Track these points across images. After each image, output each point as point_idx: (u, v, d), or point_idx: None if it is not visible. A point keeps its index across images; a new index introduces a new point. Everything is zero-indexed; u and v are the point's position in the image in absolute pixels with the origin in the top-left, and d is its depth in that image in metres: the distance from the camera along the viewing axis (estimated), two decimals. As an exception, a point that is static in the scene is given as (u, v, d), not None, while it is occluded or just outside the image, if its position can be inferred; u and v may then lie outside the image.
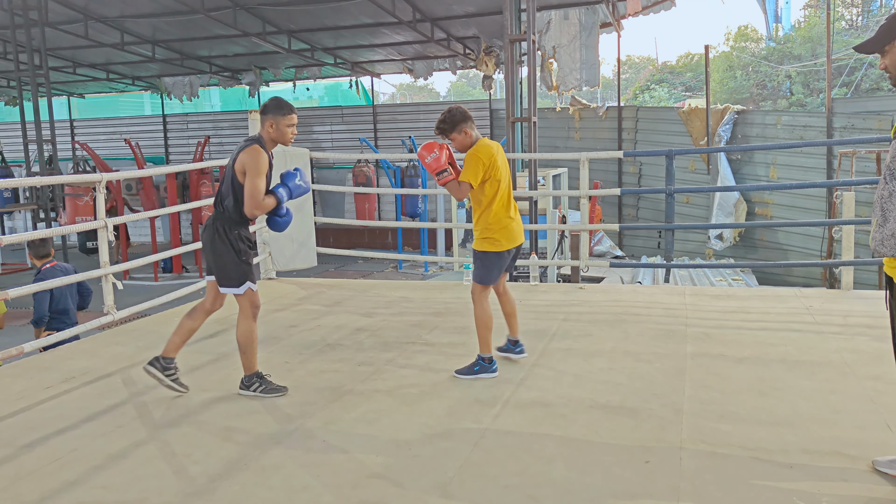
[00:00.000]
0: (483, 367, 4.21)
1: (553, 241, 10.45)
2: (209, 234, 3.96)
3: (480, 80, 17.70)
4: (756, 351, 4.58)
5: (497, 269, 4.28)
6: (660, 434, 3.34)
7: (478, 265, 4.28)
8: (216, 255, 3.94)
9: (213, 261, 3.96)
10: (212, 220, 3.96)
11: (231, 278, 3.94)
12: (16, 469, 3.18)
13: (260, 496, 2.87)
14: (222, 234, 3.91)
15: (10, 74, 16.29)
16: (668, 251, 7.39)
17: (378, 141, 20.00)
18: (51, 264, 6.04)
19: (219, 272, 3.96)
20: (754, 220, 14.61)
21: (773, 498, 2.74)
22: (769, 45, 32.02)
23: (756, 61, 31.10)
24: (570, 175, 13.61)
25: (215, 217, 3.96)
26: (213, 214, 3.99)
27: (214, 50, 16.99)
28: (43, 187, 13.62)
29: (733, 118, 15.07)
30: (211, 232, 3.94)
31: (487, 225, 4.24)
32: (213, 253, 3.94)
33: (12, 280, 14.21)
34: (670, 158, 7.11)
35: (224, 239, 3.91)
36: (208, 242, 3.98)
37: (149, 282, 15.11)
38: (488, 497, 2.81)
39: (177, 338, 4.02)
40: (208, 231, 3.97)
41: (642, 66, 45.92)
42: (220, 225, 3.92)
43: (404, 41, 15.98)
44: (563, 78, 13.36)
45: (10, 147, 20.64)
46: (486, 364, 4.21)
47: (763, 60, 30.61)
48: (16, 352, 4.66)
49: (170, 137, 22.14)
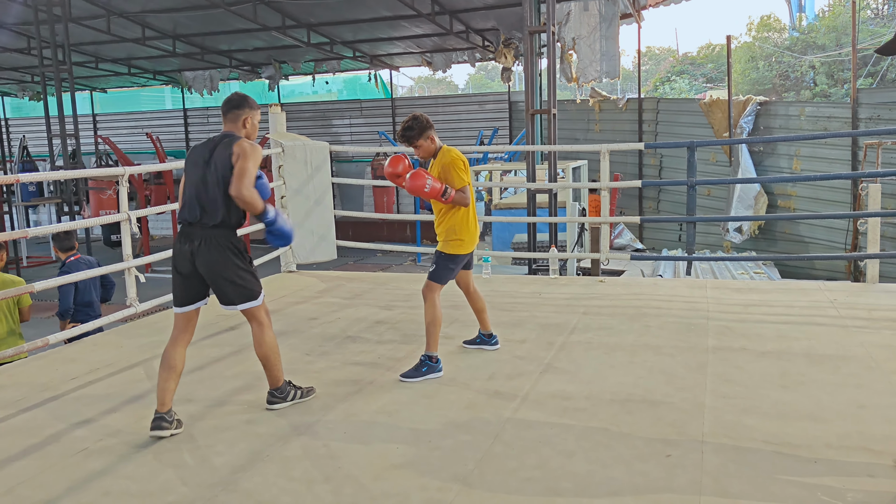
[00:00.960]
0: (431, 367, 4.14)
1: (573, 234, 10.40)
2: (218, 254, 3.47)
3: (499, 72, 17.63)
4: (779, 345, 4.54)
5: (457, 270, 4.34)
6: (681, 428, 3.33)
7: (440, 265, 4.27)
8: (228, 272, 3.49)
9: (222, 280, 3.50)
10: (207, 237, 3.46)
11: (250, 291, 3.57)
12: (43, 458, 3.23)
13: (281, 487, 2.90)
14: (234, 248, 3.52)
15: (35, 70, 16.47)
16: (690, 244, 7.33)
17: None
18: (75, 257, 6.11)
19: (233, 290, 3.52)
20: (776, 212, 14.45)
21: (797, 493, 2.72)
22: (792, 35, 31.59)
23: (779, 52, 30.70)
24: (590, 167, 13.54)
25: (211, 233, 3.47)
26: (201, 231, 3.47)
27: (234, 44, 17.07)
28: (67, 181, 13.76)
29: (756, 109, 14.89)
30: (219, 251, 3.48)
31: (454, 227, 4.26)
32: (224, 270, 3.48)
33: (38, 273, 14.41)
34: (692, 150, 7.04)
35: (234, 251, 3.52)
36: (218, 262, 3.48)
37: (170, 275, 15.21)
38: (508, 490, 2.81)
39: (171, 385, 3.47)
40: (214, 250, 3.47)
41: (663, 58, 45.52)
42: (222, 239, 3.49)
43: (423, 34, 15.95)
44: (583, 69, 13.27)
45: (35, 141, 20.90)
46: (433, 364, 4.15)
47: (786, 51, 30.21)
48: (41, 343, 4.73)
49: (190, 131, 22.30)
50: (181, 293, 3.56)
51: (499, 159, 16.11)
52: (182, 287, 3.55)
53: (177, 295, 3.58)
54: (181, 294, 3.56)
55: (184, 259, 3.51)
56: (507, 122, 19.11)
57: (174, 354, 3.51)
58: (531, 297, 6.12)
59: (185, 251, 3.51)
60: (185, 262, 3.51)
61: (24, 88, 20.66)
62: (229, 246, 3.50)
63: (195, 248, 3.47)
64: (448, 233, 4.27)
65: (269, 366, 3.67)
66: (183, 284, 3.55)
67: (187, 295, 3.56)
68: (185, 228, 3.54)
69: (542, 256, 7.91)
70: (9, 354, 4.73)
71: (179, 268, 3.54)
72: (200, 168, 3.50)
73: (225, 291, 3.54)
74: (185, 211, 3.52)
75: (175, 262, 3.56)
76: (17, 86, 20.39)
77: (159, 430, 3.37)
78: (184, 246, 3.51)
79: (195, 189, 3.49)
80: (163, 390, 3.44)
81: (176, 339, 3.55)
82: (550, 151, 8.67)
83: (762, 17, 34.41)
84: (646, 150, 16.56)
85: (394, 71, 20.27)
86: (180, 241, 3.53)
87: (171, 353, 3.51)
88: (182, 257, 3.52)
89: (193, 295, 3.57)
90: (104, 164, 18.28)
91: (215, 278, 3.51)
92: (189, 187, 3.53)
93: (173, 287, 3.58)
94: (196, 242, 3.48)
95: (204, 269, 3.49)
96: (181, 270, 3.53)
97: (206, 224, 3.47)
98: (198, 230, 3.48)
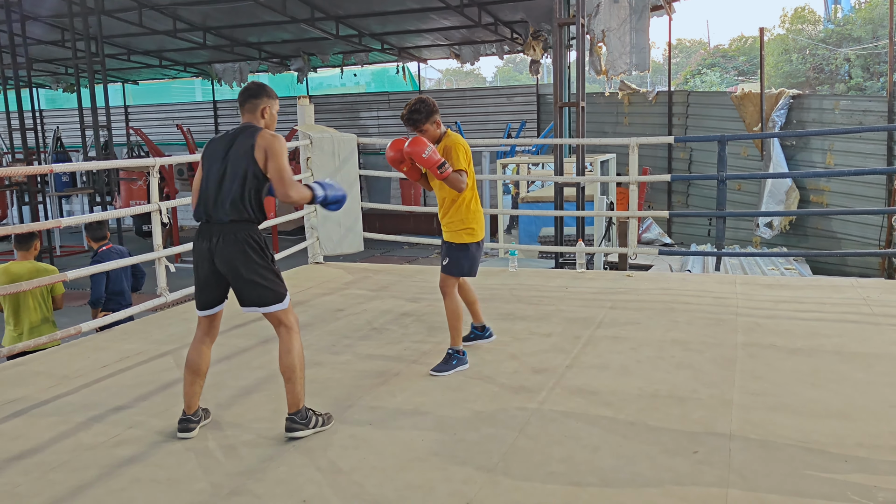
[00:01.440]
0: (459, 359, 4.12)
1: (600, 228, 10.33)
2: (237, 249, 3.24)
3: (527, 64, 17.54)
4: (809, 342, 4.47)
5: (475, 259, 4.22)
6: (709, 424, 3.29)
7: (455, 258, 4.16)
8: (250, 272, 3.24)
9: (242, 279, 3.25)
10: (226, 233, 3.24)
11: (274, 293, 3.30)
12: (75, 444, 3.29)
13: (307, 476, 2.92)
14: (254, 244, 3.26)
15: (68, 62, 16.73)
16: (720, 239, 7.24)
17: (424, 126, 19.99)
18: (107, 247, 6.20)
19: (254, 290, 3.27)
20: (808, 208, 14.21)
21: (827, 491, 2.68)
22: (827, 28, 31.01)
23: (813, 44, 30.16)
24: (619, 161, 13.43)
25: (230, 229, 3.25)
26: (219, 227, 3.26)
27: (264, 36, 17.18)
28: (99, 172, 13.98)
29: (788, 103, 14.64)
30: (238, 246, 3.24)
31: (464, 217, 4.17)
32: (248, 270, 3.24)
33: (70, 262, 14.66)
34: (722, 144, 6.95)
35: (258, 249, 3.27)
36: (240, 260, 3.24)
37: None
38: (533, 483, 2.81)
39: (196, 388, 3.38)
40: (232, 245, 3.23)
41: (694, 50, 44.96)
42: (247, 234, 3.25)
43: (451, 26, 15.91)
44: (613, 62, 13.13)
45: (68, 133, 21.24)
46: (461, 356, 4.14)
47: (821, 43, 29.67)
48: (74, 331, 4.82)
49: (220, 123, 22.49)
50: (203, 295, 3.37)
51: (526, 152, 16.04)
52: (203, 288, 3.36)
53: (200, 297, 3.38)
54: (203, 296, 3.37)
55: (203, 258, 3.31)
56: (535, 114, 19.00)
57: (199, 356, 3.38)
58: (558, 291, 6.09)
59: (203, 249, 3.30)
60: (205, 262, 3.31)
61: (58, 80, 21.00)
62: (249, 242, 3.25)
63: (213, 246, 3.26)
64: (456, 223, 4.18)
65: (294, 380, 3.28)
66: (204, 286, 3.35)
67: (209, 297, 3.37)
68: (202, 226, 3.33)
69: (570, 250, 7.87)
70: (43, 342, 4.82)
71: (200, 268, 3.34)
72: (219, 162, 3.30)
73: (245, 291, 3.29)
74: (202, 207, 3.32)
75: (195, 261, 3.36)
76: (51, 77, 20.74)
77: (187, 433, 3.31)
78: (202, 244, 3.30)
79: (213, 183, 3.28)
80: (189, 394, 3.35)
81: (200, 341, 3.41)
82: (578, 145, 8.61)
83: (796, 8, 33.89)
84: (675, 144, 16.37)
85: (421, 63, 20.26)
86: (199, 239, 3.33)
87: (196, 356, 3.38)
88: (201, 256, 3.31)
89: (216, 296, 3.38)
90: (135, 155, 18.54)
91: (235, 277, 3.28)
92: (206, 182, 3.32)
93: (195, 288, 3.39)
94: (214, 239, 3.26)
95: (224, 268, 3.27)
96: (201, 271, 3.33)
97: (224, 220, 3.25)
98: (216, 226, 3.27)
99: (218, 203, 3.26)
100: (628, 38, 12.95)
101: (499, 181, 13.10)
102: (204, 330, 3.43)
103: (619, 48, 13.03)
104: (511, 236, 14.74)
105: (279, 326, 3.35)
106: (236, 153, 3.27)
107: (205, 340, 3.42)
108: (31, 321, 5.46)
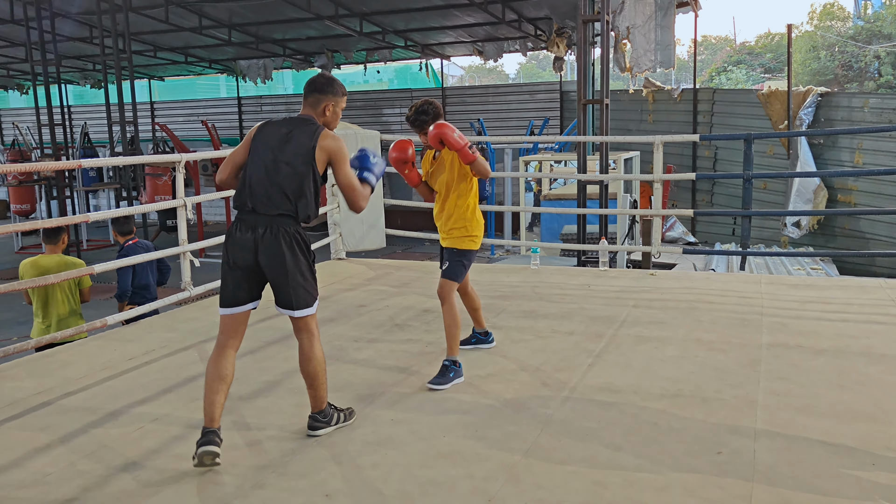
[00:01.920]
0: (456, 371, 3.91)
1: (623, 226, 10.27)
2: (286, 245, 3.06)
3: (550, 62, 17.47)
4: (836, 343, 4.41)
5: (469, 266, 4.11)
6: (733, 425, 3.26)
7: (454, 263, 4.02)
8: (294, 271, 3.08)
9: (285, 278, 3.08)
10: (274, 226, 3.05)
11: (311, 297, 3.15)
12: (102, 435, 3.34)
13: (330, 471, 2.94)
14: (301, 243, 3.10)
15: (96, 58, 16.95)
16: (745, 238, 7.16)
17: (447, 123, 19.99)
18: (133, 241, 6.27)
19: (294, 291, 3.10)
20: (836, 207, 14.02)
21: (854, 493, 2.65)
22: (857, 24, 30.54)
23: (842, 41, 29.71)
24: (643, 159, 13.33)
25: (278, 222, 3.06)
26: (266, 219, 3.06)
27: (288, 33, 17.27)
28: (125, 167, 14.14)
29: (816, 101, 14.44)
30: (287, 241, 3.06)
31: (468, 221, 4.04)
32: (293, 268, 3.07)
33: (97, 256, 14.86)
34: (749, 142, 6.88)
35: (303, 249, 3.11)
36: (288, 257, 3.06)
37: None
38: (554, 482, 2.80)
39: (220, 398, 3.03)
40: (281, 240, 3.05)
41: (719, 47, 44.50)
42: (295, 230, 3.09)
43: (475, 23, 15.89)
44: (637, 59, 13.03)
45: (96, 128, 21.51)
46: (458, 369, 3.92)
47: (850, 40, 29.22)
48: (100, 324, 4.89)
49: (244, 119, 22.66)
50: (233, 290, 3.10)
51: (549, 150, 15.99)
52: (237, 283, 3.09)
53: (228, 293, 3.11)
54: (233, 292, 3.10)
55: (245, 250, 3.06)
56: (559, 112, 18.91)
57: (223, 364, 3.05)
58: (580, 289, 6.07)
59: (246, 240, 3.06)
60: (247, 254, 3.06)
61: (85, 76, 21.27)
62: (297, 239, 3.08)
63: (259, 238, 3.04)
64: (458, 230, 4.04)
65: (317, 384, 3.20)
66: (238, 280, 3.09)
67: (240, 293, 3.10)
68: (245, 216, 3.10)
69: (592, 248, 7.83)
70: (70, 334, 4.90)
71: (238, 260, 3.07)
72: (272, 150, 3.09)
73: (286, 291, 3.09)
74: (246, 195, 3.08)
75: (231, 253, 3.09)
76: (79, 74, 21.01)
77: (211, 446, 2.91)
78: (245, 235, 3.06)
79: (263, 172, 3.07)
80: (211, 403, 2.99)
81: (224, 346, 3.09)
82: (602, 142, 8.56)
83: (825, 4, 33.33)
84: (700, 142, 16.22)
85: (444, 60, 20.25)
86: (240, 229, 3.08)
87: (220, 363, 3.06)
88: (243, 248, 3.06)
89: (248, 294, 3.12)
90: (160, 150, 18.73)
91: (278, 275, 3.07)
92: (255, 169, 3.10)
93: (223, 284, 3.12)
94: (260, 230, 3.04)
95: (267, 263, 3.06)
96: (239, 263, 3.07)
97: (271, 212, 3.05)
98: (262, 218, 3.06)
99: (268, 195, 3.05)
100: (653, 35, 12.85)
101: (521, 178, 13.06)
102: (229, 333, 3.12)
103: (643, 45, 12.93)
104: (533, 234, 14.69)
105: (303, 332, 3.19)
106: (294, 150, 3.09)
107: (229, 345, 3.10)
108: (59, 313, 5.55)
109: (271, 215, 3.07)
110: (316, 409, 3.26)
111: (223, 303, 3.14)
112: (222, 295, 3.14)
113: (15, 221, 18.82)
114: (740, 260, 9.22)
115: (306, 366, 3.19)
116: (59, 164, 5.37)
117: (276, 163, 3.08)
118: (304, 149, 3.10)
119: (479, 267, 7.71)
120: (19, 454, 3.16)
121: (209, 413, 2.99)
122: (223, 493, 2.80)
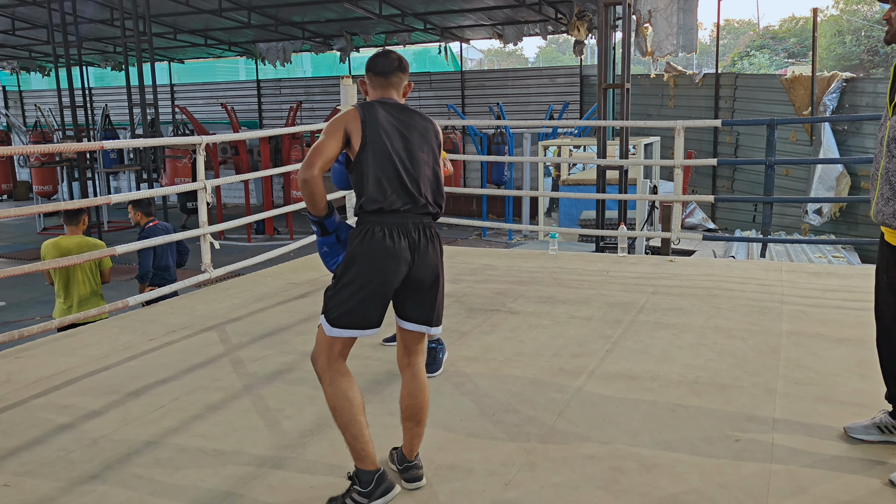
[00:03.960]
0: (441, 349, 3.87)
1: (643, 212, 10.21)
2: (440, 253, 2.63)
3: (569, 45, 17.32)
4: (857, 332, 4.37)
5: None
6: (751, 412, 3.25)
7: None
8: (443, 281, 2.66)
9: (437, 290, 2.64)
10: (427, 230, 2.58)
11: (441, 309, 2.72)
12: (123, 415, 3.39)
13: (347, 455, 2.95)
14: (441, 247, 2.67)
15: (117, 41, 17.02)
16: (766, 225, 7.09)
17: (465, 108, 19.93)
18: (153, 223, 6.33)
19: (440, 306, 2.69)
20: (859, 194, 13.84)
21: (874, 487, 2.63)
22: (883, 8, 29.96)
23: (868, 25, 29.19)
24: (663, 144, 13.22)
25: (430, 225, 2.61)
26: (417, 220, 2.55)
27: (307, 16, 17.26)
28: (146, 149, 14.22)
29: (841, 86, 14.22)
30: (441, 248, 2.64)
31: None
32: (443, 280, 2.66)
33: (118, 237, 15.01)
34: (772, 128, 6.79)
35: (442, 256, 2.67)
36: (441, 268, 2.64)
37: (242, 242, 15.66)
38: (571, 467, 2.81)
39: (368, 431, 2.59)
40: (438, 247, 2.61)
41: (742, 31, 43.90)
42: (439, 234, 2.66)
43: (495, 5, 15.78)
44: (659, 43, 12.88)
45: (116, 110, 21.65)
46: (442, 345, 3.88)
47: (876, 25, 28.68)
48: (121, 305, 4.94)
49: (263, 102, 22.71)
50: (375, 307, 2.52)
51: (568, 134, 15.89)
52: (373, 301, 2.50)
53: (360, 313, 2.50)
54: (375, 308, 2.52)
55: (397, 260, 2.49)
56: (578, 96, 18.78)
57: (357, 391, 2.58)
58: (598, 275, 6.05)
59: (400, 248, 2.49)
60: (400, 264, 2.50)
61: (106, 59, 21.39)
62: (441, 245, 2.66)
63: (416, 245, 2.53)
64: None
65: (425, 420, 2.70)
66: (384, 296, 2.52)
67: (381, 311, 2.55)
68: (389, 217, 2.51)
69: (611, 234, 7.79)
70: (92, 314, 4.96)
71: (389, 273, 2.49)
72: (400, 138, 2.56)
73: (432, 305, 2.63)
74: (388, 190, 2.50)
75: (378, 266, 2.48)
76: (100, 56, 21.13)
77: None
78: (398, 241, 2.49)
79: (399, 164, 2.53)
80: (366, 440, 2.55)
81: (349, 374, 2.60)
82: (622, 127, 8.49)
83: (851, -12, 32.76)
84: (722, 128, 16.05)
85: (463, 44, 20.14)
86: (391, 235, 2.49)
87: (356, 390, 2.57)
88: (394, 257, 2.48)
89: (382, 313, 2.57)
90: (180, 133, 18.83)
91: (430, 287, 2.60)
92: (390, 159, 2.52)
93: (353, 301, 2.49)
94: (414, 236, 2.53)
95: (424, 275, 2.57)
96: (388, 275, 2.49)
97: (421, 213, 2.56)
98: (414, 219, 2.54)
99: (410, 189, 2.53)
100: (675, 19, 12.69)
101: (540, 163, 13.00)
102: (344, 356, 2.59)
103: (665, 29, 12.77)
104: (551, 219, 14.65)
105: (420, 354, 2.72)
106: (421, 134, 2.62)
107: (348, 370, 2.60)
108: (81, 294, 5.62)
109: (423, 216, 2.57)
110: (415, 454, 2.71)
111: (359, 322, 2.51)
112: (357, 311, 2.50)
113: (37, 202, 19.04)
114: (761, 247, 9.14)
115: (421, 396, 2.66)
116: (80, 146, 5.41)
117: (410, 152, 2.57)
118: (433, 133, 2.68)
119: (498, 252, 7.71)
120: (43, 432, 3.21)
121: (370, 451, 2.54)
122: (244, 472, 2.83)
